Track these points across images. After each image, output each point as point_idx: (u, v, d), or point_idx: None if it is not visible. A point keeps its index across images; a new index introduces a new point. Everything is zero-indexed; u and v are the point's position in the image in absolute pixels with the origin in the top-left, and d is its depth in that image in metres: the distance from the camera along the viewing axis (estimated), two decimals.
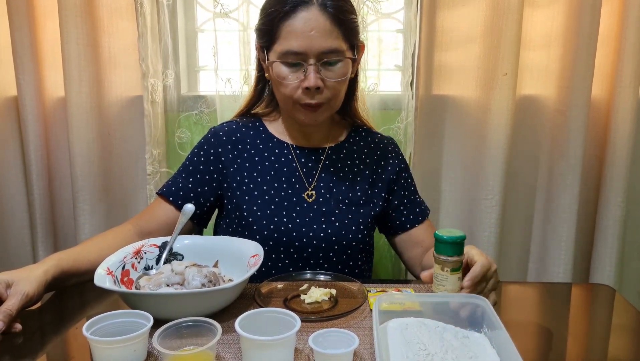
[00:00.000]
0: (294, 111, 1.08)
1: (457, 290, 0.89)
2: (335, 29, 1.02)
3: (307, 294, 0.95)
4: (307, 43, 1.00)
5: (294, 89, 1.04)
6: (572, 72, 1.47)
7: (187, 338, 0.74)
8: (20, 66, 1.53)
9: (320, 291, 0.95)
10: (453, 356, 0.73)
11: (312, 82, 1.01)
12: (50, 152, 1.64)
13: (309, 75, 1.01)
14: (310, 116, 1.07)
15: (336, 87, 1.06)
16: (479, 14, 1.49)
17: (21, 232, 1.69)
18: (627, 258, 1.64)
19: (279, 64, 1.04)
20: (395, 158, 1.21)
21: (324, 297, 0.94)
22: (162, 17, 1.56)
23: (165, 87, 1.61)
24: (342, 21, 1.03)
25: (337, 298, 0.95)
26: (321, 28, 1.00)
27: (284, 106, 1.10)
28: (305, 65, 1.02)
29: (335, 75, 1.04)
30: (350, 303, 0.92)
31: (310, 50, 1.01)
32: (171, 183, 1.16)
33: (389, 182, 1.19)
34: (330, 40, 1.01)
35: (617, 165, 1.52)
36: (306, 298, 0.94)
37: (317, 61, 1.01)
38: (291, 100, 1.06)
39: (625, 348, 0.88)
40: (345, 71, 1.06)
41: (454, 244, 0.87)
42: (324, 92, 1.04)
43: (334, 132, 1.20)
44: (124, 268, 0.95)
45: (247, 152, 1.16)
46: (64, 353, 0.82)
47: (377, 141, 1.22)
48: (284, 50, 1.02)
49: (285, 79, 1.03)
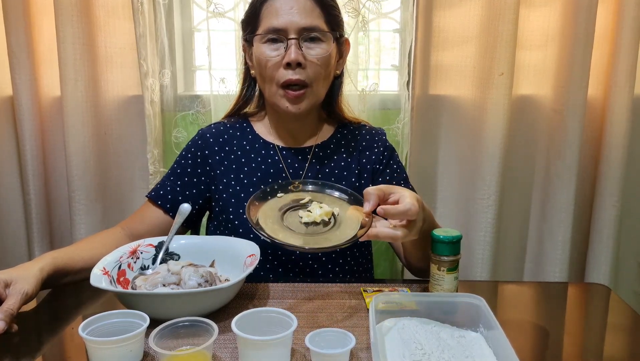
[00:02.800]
0: (277, 98, 1.08)
1: (454, 290, 0.89)
2: (316, 8, 1.05)
3: (306, 212, 0.88)
4: (287, 19, 1.03)
5: (275, 67, 1.05)
6: (568, 71, 1.48)
7: (184, 338, 0.74)
8: (16, 65, 1.52)
9: (322, 210, 0.87)
10: (449, 356, 0.73)
11: (293, 57, 1.02)
12: (46, 152, 1.64)
13: (290, 49, 1.03)
14: (294, 102, 1.07)
15: (317, 69, 1.06)
16: (475, 13, 1.50)
17: (17, 232, 1.69)
18: (622, 257, 1.64)
19: (260, 45, 1.06)
20: (379, 147, 1.19)
21: (325, 217, 0.87)
22: (158, 17, 1.55)
23: (162, 86, 1.61)
24: (321, 2, 1.05)
25: (340, 218, 0.86)
26: (301, 6, 1.03)
27: (268, 94, 1.10)
28: (286, 40, 1.03)
29: (316, 53, 1.05)
30: (350, 227, 0.84)
31: (290, 26, 1.03)
32: (160, 187, 1.16)
33: (372, 171, 1.17)
34: (310, 18, 1.04)
35: (612, 165, 1.52)
36: (304, 216, 0.87)
37: (298, 36, 1.03)
38: (274, 83, 1.06)
39: (620, 347, 0.88)
40: (327, 52, 1.06)
41: (450, 244, 0.88)
42: (306, 70, 1.04)
43: (320, 130, 1.20)
44: (120, 268, 0.95)
45: (234, 153, 1.15)
46: (60, 354, 0.82)
47: (365, 133, 1.21)
48: (265, 29, 1.04)
49: (266, 57, 1.05)
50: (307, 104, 1.08)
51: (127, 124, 1.62)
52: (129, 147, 1.63)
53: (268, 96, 1.11)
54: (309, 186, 0.98)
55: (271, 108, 1.15)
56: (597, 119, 1.57)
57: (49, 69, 1.57)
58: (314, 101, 1.10)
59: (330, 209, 0.90)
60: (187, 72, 1.73)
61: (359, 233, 0.83)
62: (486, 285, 1.30)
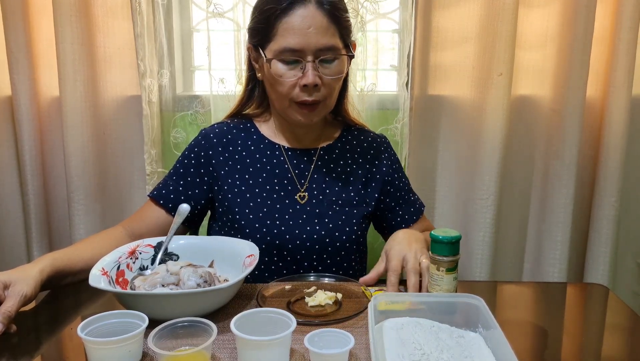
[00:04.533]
0: (289, 111, 1.08)
1: (453, 290, 0.89)
2: (332, 26, 1.02)
3: (312, 297, 0.94)
4: (304, 40, 1.00)
5: (291, 87, 1.04)
6: (567, 72, 1.48)
7: (183, 338, 0.74)
8: (15, 65, 1.52)
9: (326, 295, 0.94)
10: (448, 356, 0.73)
11: (311, 80, 1.01)
12: (45, 152, 1.63)
13: (307, 72, 1.01)
14: (307, 115, 1.07)
15: (332, 85, 1.06)
16: (474, 14, 1.50)
17: (16, 232, 1.68)
18: (621, 257, 1.65)
19: (276, 62, 1.03)
20: (388, 158, 1.21)
21: (328, 301, 0.93)
22: (157, 17, 1.55)
23: (161, 87, 1.61)
24: (337, 18, 1.03)
25: (342, 301, 0.94)
26: (318, 25, 1.00)
27: (279, 105, 1.10)
28: (303, 62, 1.01)
29: (332, 72, 1.04)
30: (354, 307, 0.92)
31: (308, 47, 1.00)
32: (162, 186, 1.16)
33: (382, 182, 1.18)
34: (327, 38, 1.02)
35: (611, 165, 1.52)
36: (310, 301, 0.93)
37: (315, 58, 1.01)
38: (287, 99, 1.05)
39: (619, 347, 0.88)
40: (342, 69, 1.06)
41: (449, 244, 0.87)
42: (321, 90, 1.04)
43: (326, 133, 1.20)
44: (119, 268, 0.95)
45: (239, 154, 1.15)
46: (58, 354, 0.82)
47: (370, 140, 1.22)
48: (281, 48, 1.01)
49: (282, 76, 1.03)
50: (320, 115, 1.09)
51: (126, 124, 1.61)
52: (128, 148, 1.63)
53: (279, 108, 1.10)
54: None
55: (278, 113, 1.15)
56: (595, 119, 1.57)
57: (48, 69, 1.56)
58: (326, 112, 1.11)
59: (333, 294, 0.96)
60: (186, 72, 1.73)
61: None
62: (485, 285, 1.30)
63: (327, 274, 1.04)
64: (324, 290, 0.96)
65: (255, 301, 0.93)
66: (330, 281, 1.03)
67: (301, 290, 0.98)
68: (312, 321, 0.87)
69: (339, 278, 1.03)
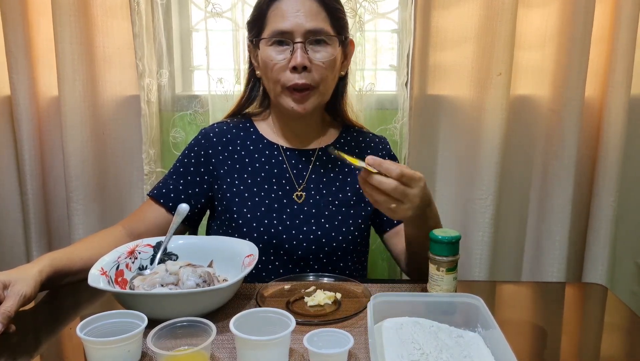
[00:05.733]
0: (281, 98, 1.08)
1: (453, 290, 0.89)
2: (322, 11, 1.05)
3: (311, 297, 0.94)
4: (293, 22, 1.03)
5: (281, 69, 1.05)
6: (566, 72, 1.48)
7: (182, 338, 0.74)
8: (14, 65, 1.52)
9: (325, 295, 0.94)
10: (447, 356, 0.73)
11: (299, 60, 1.02)
12: (44, 152, 1.63)
13: (296, 53, 1.03)
14: (299, 102, 1.07)
15: (323, 71, 1.06)
16: (474, 14, 1.50)
17: (15, 232, 1.68)
18: (619, 257, 1.65)
19: (266, 48, 1.06)
20: (384, 157, 1.20)
21: (328, 301, 0.93)
22: (156, 16, 1.55)
23: (160, 86, 1.61)
24: (327, 5, 1.06)
25: (342, 301, 0.94)
26: (307, 9, 1.04)
27: (273, 95, 1.10)
28: (292, 44, 1.04)
29: (322, 56, 1.05)
30: (353, 306, 0.92)
31: (296, 29, 1.03)
32: (162, 185, 1.16)
33: None
34: (316, 21, 1.04)
35: (609, 165, 1.52)
36: (309, 300, 0.93)
37: (304, 40, 1.03)
38: (279, 84, 1.06)
39: (617, 346, 0.88)
40: (333, 55, 1.07)
41: (449, 244, 0.88)
42: (312, 73, 1.05)
43: (325, 133, 1.20)
44: (118, 268, 0.95)
45: (238, 153, 1.15)
46: (57, 354, 0.82)
47: (368, 140, 1.22)
48: (271, 32, 1.05)
49: (272, 60, 1.05)
50: (313, 103, 1.09)
51: (125, 124, 1.61)
52: (127, 147, 1.63)
53: (273, 97, 1.11)
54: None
55: (276, 108, 1.15)
56: (594, 119, 1.57)
57: (47, 69, 1.56)
58: (320, 100, 1.11)
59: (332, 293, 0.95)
60: (185, 72, 1.73)
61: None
62: (484, 285, 1.30)
63: (326, 274, 1.04)
64: (323, 290, 0.96)
65: (255, 301, 0.93)
66: (330, 281, 1.03)
67: (300, 290, 0.98)
68: (312, 321, 0.87)
69: (338, 277, 1.03)
